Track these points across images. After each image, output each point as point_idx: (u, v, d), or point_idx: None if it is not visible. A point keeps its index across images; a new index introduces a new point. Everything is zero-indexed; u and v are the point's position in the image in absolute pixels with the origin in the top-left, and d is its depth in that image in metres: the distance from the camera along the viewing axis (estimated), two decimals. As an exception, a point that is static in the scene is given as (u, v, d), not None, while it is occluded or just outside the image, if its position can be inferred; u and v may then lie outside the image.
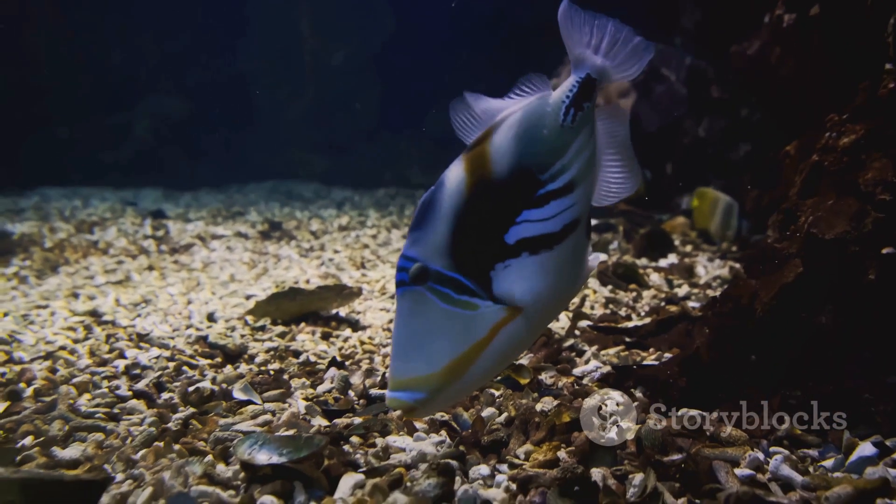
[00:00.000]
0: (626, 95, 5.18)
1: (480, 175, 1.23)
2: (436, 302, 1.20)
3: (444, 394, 1.22)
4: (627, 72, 1.40)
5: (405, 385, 1.19)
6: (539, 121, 1.29)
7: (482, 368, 1.23)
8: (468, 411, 1.74)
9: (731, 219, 3.71)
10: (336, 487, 1.28)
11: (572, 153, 1.29)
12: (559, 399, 1.83)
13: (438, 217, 1.21)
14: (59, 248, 4.15)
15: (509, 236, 1.23)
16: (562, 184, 1.27)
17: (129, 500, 1.24)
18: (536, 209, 1.25)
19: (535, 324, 1.28)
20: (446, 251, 1.21)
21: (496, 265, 1.23)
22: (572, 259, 1.30)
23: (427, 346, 1.20)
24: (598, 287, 3.04)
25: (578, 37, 1.35)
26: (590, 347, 2.28)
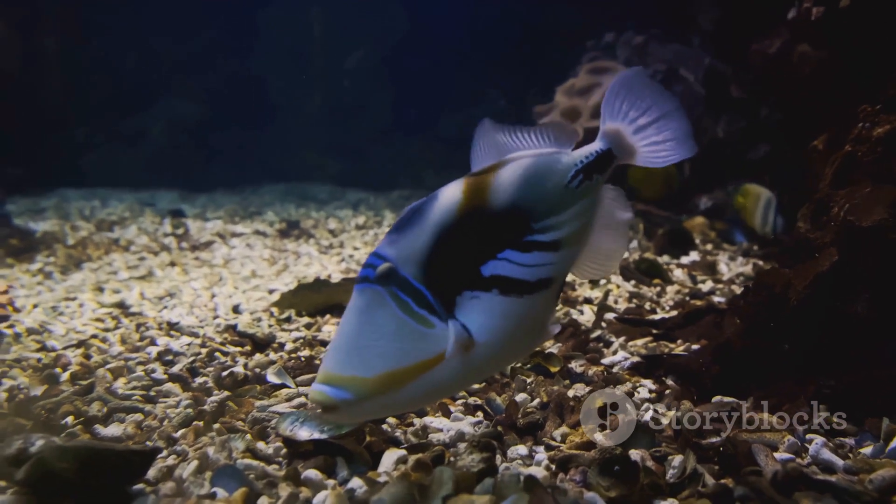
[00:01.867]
0: (643, 96, 5.17)
1: (477, 201, 1.20)
2: (393, 307, 1.15)
3: (372, 403, 1.13)
4: (654, 161, 1.36)
5: (335, 381, 1.12)
6: (547, 173, 1.26)
7: (419, 390, 1.15)
8: (501, 396, 1.75)
9: (769, 213, 3.69)
10: (378, 462, 1.28)
11: (568, 215, 1.27)
12: (591, 386, 1.84)
13: (422, 227, 1.18)
14: (82, 246, 4.18)
15: (486, 268, 1.20)
16: (549, 239, 1.24)
17: (176, 472, 1.26)
18: (519, 252, 1.22)
19: (482, 364, 1.20)
20: (420, 262, 1.17)
21: (465, 292, 1.18)
22: (536, 315, 1.24)
23: (370, 348, 1.14)
24: (621, 282, 3.04)
25: (620, 108, 1.33)
26: (617, 339, 2.28)
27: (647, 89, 1.35)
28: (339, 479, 1.26)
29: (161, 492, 1.17)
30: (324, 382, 1.12)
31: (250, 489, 1.16)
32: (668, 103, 1.36)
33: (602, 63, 5.51)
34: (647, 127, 1.35)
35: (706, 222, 4.56)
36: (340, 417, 1.21)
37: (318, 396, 1.12)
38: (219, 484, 1.20)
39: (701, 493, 1.28)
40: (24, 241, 4.11)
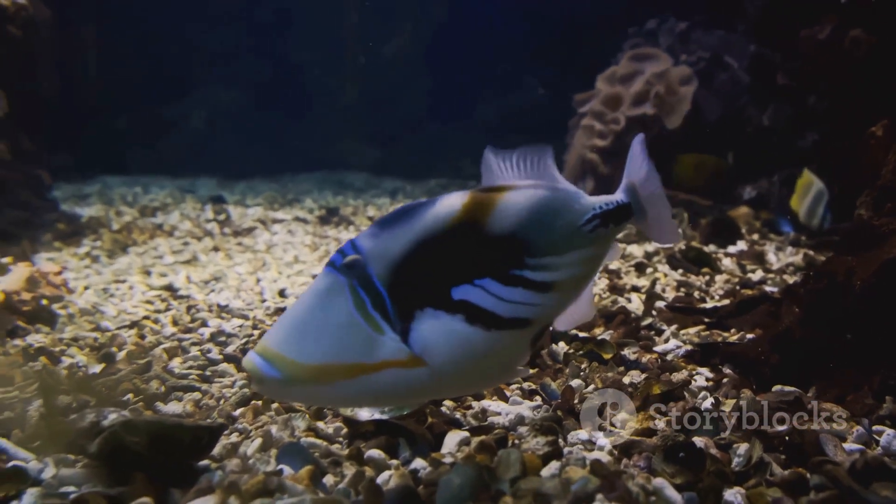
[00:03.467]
0: (687, 83, 5.09)
1: (474, 218, 1.13)
2: (348, 301, 1.09)
3: (299, 389, 1.09)
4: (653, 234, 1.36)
5: (269, 355, 1.07)
6: (561, 209, 1.20)
7: (352, 392, 1.09)
8: (555, 382, 1.73)
9: (818, 207, 3.59)
10: (441, 444, 1.27)
11: (570, 259, 1.20)
12: (646, 373, 1.81)
13: (406, 229, 1.11)
14: (127, 231, 4.23)
15: (457, 291, 1.11)
16: (539, 278, 1.16)
17: (240, 449, 1.26)
18: (500, 284, 1.13)
19: (428, 387, 1.13)
20: (391, 264, 1.10)
21: (427, 308, 1.10)
22: (501, 353, 1.16)
23: (313, 334, 1.08)
24: (668, 270, 3.00)
25: (636, 170, 1.32)
26: (668, 327, 2.24)
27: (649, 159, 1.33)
28: (402, 459, 1.25)
29: (227, 468, 1.18)
30: (259, 353, 1.09)
31: (316, 467, 1.16)
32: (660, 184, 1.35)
33: (644, 50, 5.43)
34: (653, 196, 1.32)
35: (751, 212, 4.48)
36: (266, 392, 1.19)
37: (248, 365, 1.08)
38: (284, 461, 1.20)
39: (769, 481, 1.25)
40: (70, 226, 4.18)
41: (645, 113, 5.07)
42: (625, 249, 3.49)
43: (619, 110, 5.23)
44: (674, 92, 5.08)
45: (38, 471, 1.18)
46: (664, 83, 5.08)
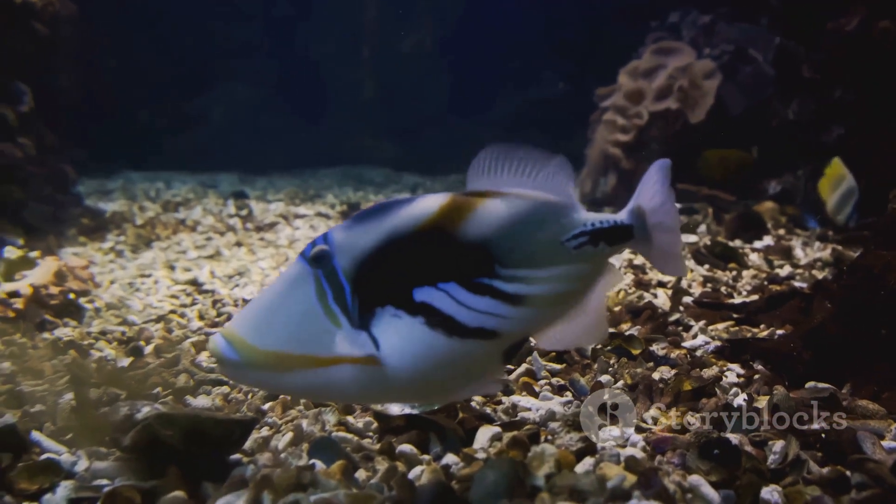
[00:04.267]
0: (710, 77, 5.04)
1: (448, 222, 1.10)
2: (311, 292, 1.08)
3: (258, 375, 1.08)
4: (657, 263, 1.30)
5: (231, 338, 1.07)
6: (545, 221, 1.16)
7: (308, 384, 1.08)
8: (584, 377, 1.72)
9: (847, 204, 3.53)
10: (473, 439, 1.26)
11: (549, 274, 1.15)
12: (676, 369, 1.79)
13: (379, 224, 1.09)
14: (150, 225, 4.26)
15: (420, 293, 1.09)
16: (511, 291, 1.12)
17: (272, 443, 1.26)
18: (466, 291, 1.10)
19: (389, 390, 1.11)
20: (357, 258, 1.08)
21: (388, 306, 1.08)
22: (464, 363, 1.12)
23: (274, 321, 1.08)
24: (694, 265, 2.96)
25: (649, 195, 1.25)
26: (696, 322, 2.22)
27: (669, 187, 1.27)
28: (433, 454, 1.24)
29: (259, 462, 1.17)
30: (223, 335, 1.08)
31: (347, 462, 1.15)
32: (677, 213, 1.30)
33: (667, 44, 5.39)
34: (663, 224, 1.26)
35: (776, 207, 4.42)
36: (227, 374, 1.18)
37: (211, 345, 1.08)
38: (316, 456, 1.19)
39: (807, 479, 1.23)
40: (94, 221, 4.21)
41: (668, 107, 5.03)
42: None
43: (641, 104, 5.19)
44: (697, 86, 5.03)
45: (71, 463, 1.19)
46: (687, 77, 5.04)
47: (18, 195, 3.59)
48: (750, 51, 5.20)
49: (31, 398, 1.48)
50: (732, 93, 5.12)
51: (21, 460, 1.17)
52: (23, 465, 1.14)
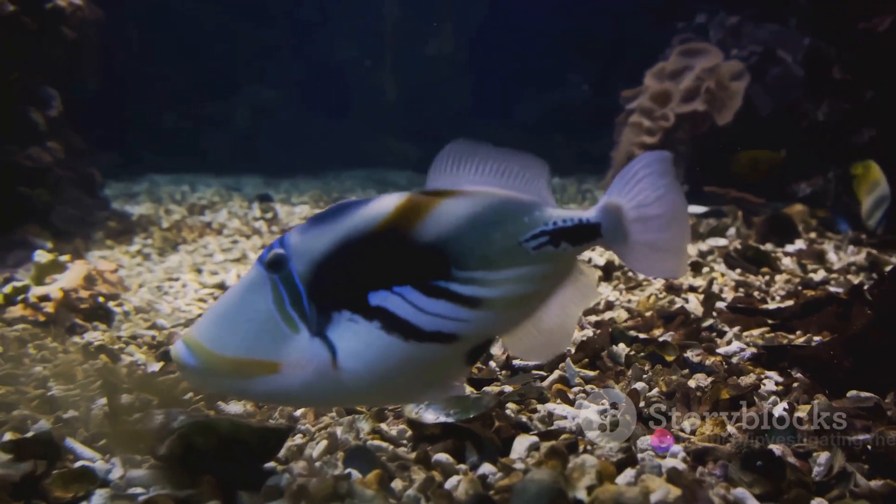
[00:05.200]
0: (738, 78, 4.98)
1: (403, 223, 1.08)
2: (268, 297, 1.07)
3: (218, 381, 1.08)
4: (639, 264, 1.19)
5: (191, 343, 1.07)
6: (503, 222, 1.11)
7: (269, 388, 1.06)
8: (619, 384, 1.69)
9: (878, 210, 3.47)
10: (509, 448, 1.24)
11: (507, 275, 1.11)
12: (712, 376, 1.75)
13: (334, 227, 1.07)
14: (176, 229, 4.28)
15: (375, 297, 1.06)
16: (468, 293, 1.08)
17: (306, 451, 1.24)
18: (421, 294, 1.07)
19: (347, 394, 1.09)
20: (313, 262, 1.07)
21: (344, 311, 1.06)
22: (423, 367, 1.09)
23: (232, 327, 1.07)
24: (724, 270, 2.92)
25: (634, 187, 1.17)
26: (730, 328, 2.18)
27: (667, 181, 1.17)
28: (469, 463, 1.22)
29: (294, 471, 1.16)
30: (184, 339, 1.08)
31: (383, 471, 1.13)
32: (682, 205, 1.18)
33: (694, 45, 5.33)
34: (651, 220, 1.17)
35: (806, 210, 4.35)
36: (188, 380, 1.18)
37: (172, 351, 1.08)
38: (352, 465, 1.17)
39: (854, 493, 1.19)
40: (121, 224, 4.24)
41: (695, 109, 4.97)
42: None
43: (668, 106, 5.14)
44: (725, 87, 4.97)
45: (106, 471, 1.18)
46: (715, 78, 4.98)
47: (47, 199, 3.62)
48: (778, 52, 5.13)
49: (64, 403, 1.48)
50: (761, 94, 5.06)
51: (55, 467, 1.17)
52: (57, 473, 1.14)
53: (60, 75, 3.75)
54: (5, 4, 2.79)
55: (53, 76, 3.68)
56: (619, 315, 2.35)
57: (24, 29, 2.93)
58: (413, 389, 1.14)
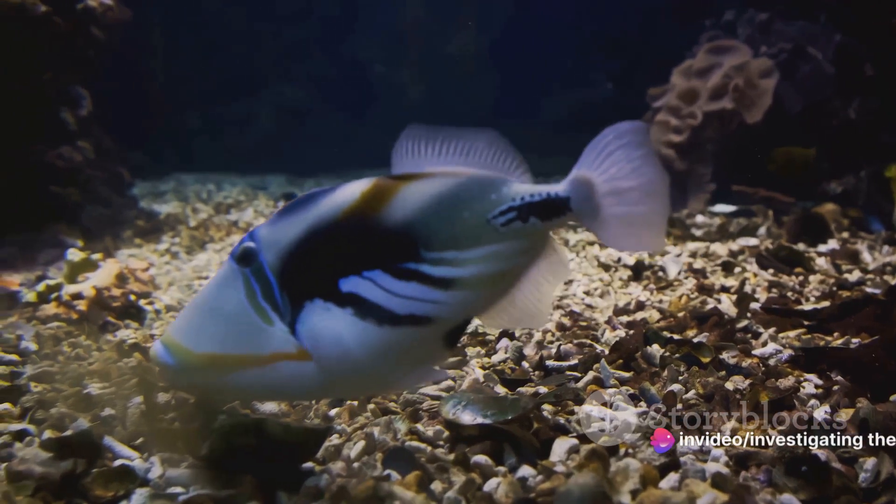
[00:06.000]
0: (768, 76, 4.91)
1: (369, 207, 1.07)
2: (240, 290, 1.07)
3: (195, 379, 1.08)
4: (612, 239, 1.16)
5: (168, 342, 1.08)
6: (470, 200, 1.10)
7: (248, 383, 1.06)
8: (654, 386, 1.66)
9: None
10: (548, 451, 1.22)
11: (477, 254, 1.10)
12: (750, 378, 1.72)
13: (302, 217, 1.07)
14: (203, 227, 4.30)
15: (345, 283, 1.06)
16: (439, 274, 1.08)
17: (343, 452, 1.23)
18: (391, 277, 1.07)
19: (325, 384, 1.08)
20: (282, 253, 1.07)
21: (317, 299, 1.06)
22: (400, 351, 1.08)
23: (207, 324, 1.07)
24: (757, 270, 2.87)
25: (604, 160, 1.14)
26: (765, 329, 2.14)
27: (642, 152, 1.15)
28: (508, 465, 1.21)
29: (333, 472, 1.15)
30: (162, 339, 1.08)
31: (423, 472, 1.12)
32: (658, 177, 1.16)
33: (722, 42, 5.27)
34: (624, 193, 1.14)
35: (837, 209, 4.28)
36: (166, 380, 1.18)
37: (151, 351, 1.09)
38: (391, 466, 1.16)
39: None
40: (149, 223, 4.27)
41: (723, 107, 4.92)
42: (707, 248, 3.37)
43: (695, 105, 5.09)
44: (754, 85, 4.91)
45: (145, 470, 1.18)
46: (743, 76, 4.92)
47: (77, 198, 3.65)
48: (809, 49, 5.05)
49: (100, 401, 1.48)
50: (790, 92, 4.99)
51: (95, 466, 1.17)
52: (97, 472, 1.14)
53: (91, 76, 3.79)
54: (37, 5, 2.82)
55: (84, 76, 3.71)
56: (651, 315, 2.32)
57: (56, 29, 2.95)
58: (393, 375, 1.12)
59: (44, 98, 3.32)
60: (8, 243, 3.12)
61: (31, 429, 1.34)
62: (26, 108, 3.17)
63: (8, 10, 2.68)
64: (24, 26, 2.79)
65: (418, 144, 1.14)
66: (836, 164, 4.76)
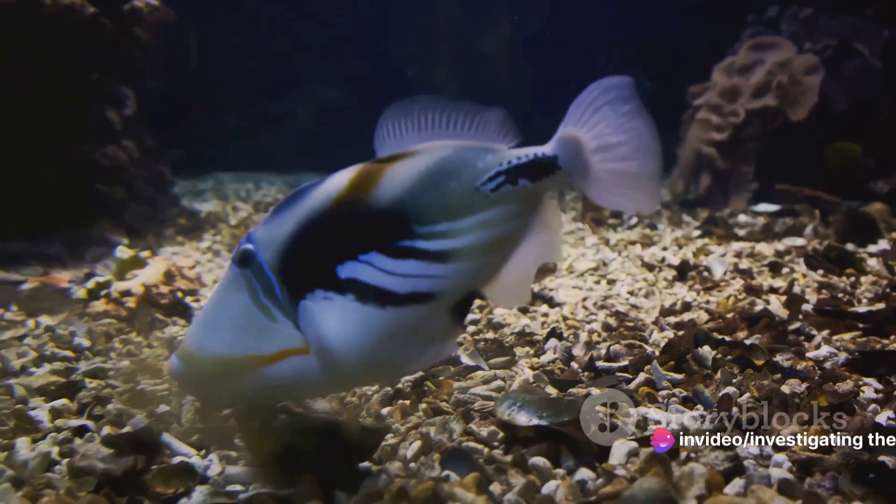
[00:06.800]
0: (813, 72, 4.82)
1: (358, 193, 1.08)
2: (244, 292, 1.07)
3: (209, 383, 1.10)
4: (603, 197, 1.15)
5: (182, 353, 1.09)
6: (457, 170, 1.10)
7: (260, 383, 1.08)
8: (708, 389, 1.63)
9: None
10: (606, 453, 1.20)
11: (470, 223, 1.10)
12: (807, 382, 1.68)
13: (294, 212, 1.08)
14: (244, 226, 4.34)
15: (343, 269, 1.07)
16: (435, 248, 1.08)
17: (399, 452, 1.23)
18: (388, 258, 1.07)
19: (337, 374, 1.08)
20: (279, 250, 1.07)
21: (317, 291, 1.06)
22: (408, 331, 1.08)
23: (215, 328, 1.08)
24: (806, 271, 2.81)
25: (591, 116, 1.14)
26: (818, 332, 2.09)
27: (630, 107, 1.15)
28: (566, 468, 1.19)
29: (390, 472, 1.14)
30: (177, 352, 1.10)
31: (482, 474, 1.11)
32: (648, 132, 1.15)
33: (765, 39, 5.19)
34: (613, 149, 1.14)
35: (886, 208, 4.17)
36: (181, 387, 1.20)
37: (167, 365, 1.11)
38: (449, 467, 1.15)
39: (977, 509, 1.12)
40: (190, 221, 4.32)
41: (766, 105, 4.84)
42: (753, 248, 3.31)
43: (737, 102, 5.01)
44: (798, 82, 4.82)
45: (204, 468, 1.18)
46: (787, 73, 4.83)
47: (122, 196, 3.70)
48: (855, 44, 4.95)
49: (154, 398, 1.49)
50: (836, 89, 4.89)
51: (154, 463, 1.17)
52: (157, 469, 1.14)
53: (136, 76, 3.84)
54: (86, 6, 2.86)
55: (128, 76, 3.76)
56: (699, 317, 2.28)
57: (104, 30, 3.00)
58: (403, 358, 1.12)
59: (90, 98, 3.37)
60: (56, 241, 3.17)
61: (90, 424, 1.36)
62: (74, 108, 3.23)
63: (58, 11, 2.73)
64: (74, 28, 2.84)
65: (398, 124, 1.13)
66: (882, 162, 4.66)
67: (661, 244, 3.57)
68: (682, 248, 3.42)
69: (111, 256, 2.70)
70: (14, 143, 2.96)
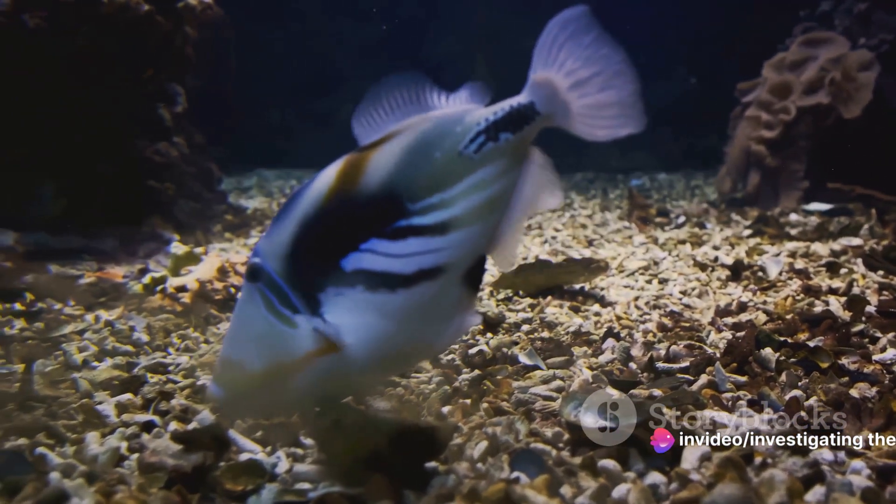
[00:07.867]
0: (867, 68, 4.69)
1: (346, 185, 1.07)
2: (260, 306, 1.07)
3: (246, 402, 1.11)
4: (591, 132, 1.14)
5: (217, 378, 1.10)
6: (438, 140, 1.09)
7: (295, 390, 1.08)
8: (773, 391, 1.59)
9: None
10: (678, 457, 1.17)
11: (461, 189, 1.09)
12: (877, 386, 1.63)
13: (290, 216, 1.08)
14: (290, 222, 4.37)
15: (347, 262, 1.06)
16: (432, 221, 1.07)
17: (466, 452, 1.21)
18: (388, 241, 1.06)
19: (366, 367, 1.07)
20: (283, 256, 1.07)
21: (328, 288, 1.06)
22: (426, 309, 1.08)
23: (242, 346, 1.08)
24: (865, 271, 2.74)
25: (556, 55, 1.13)
26: (883, 334, 2.03)
27: (592, 36, 1.14)
28: (635, 471, 1.16)
29: (459, 472, 1.13)
30: (212, 377, 1.11)
31: (552, 476, 1.09)
32: (617, 57, 1.14)
33: (817, 34, 5.06)
34: (588, 82, 1.13)
35: (946, 208, 4.05)
36: (223, 413, 1.22)
37: (206, 393, 1.12)
38: (519, 468, 1.14)
39: None
40: (237, 217, 4.37)
41: (819, 102, 4.72)
42: (808, 248, 3.23)
43: (788, 99, 4.90)
44: (852, 78, 4.69)
45: (272, 465, 1.18)
46: (840, 69, 4.71)
47: (172, 192, 3.75)
48: (914, 38, 4.81)
49: (215, 393, 1.50)
50: (892, 85, 4.75)
51: (222, 459, 1.18)
52: (226, 465, 1.15)
53: (185, 72, 3.88)
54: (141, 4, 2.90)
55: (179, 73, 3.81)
56: (757, 318, 2.23)
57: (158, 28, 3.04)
58: (429, 336, 1.12)
59: (144, 95, 3.42)
60: (109, 236, 3.22)
61: (157, 420, 1.37)
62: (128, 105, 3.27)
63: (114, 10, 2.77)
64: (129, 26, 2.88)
65: (372, 112, 1.14)
66: (941, 160, 4.52)
67: (712, 243, 3.51)
68: (735, 248, 3.35)
69: (163, 252, 2.73)
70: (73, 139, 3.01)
